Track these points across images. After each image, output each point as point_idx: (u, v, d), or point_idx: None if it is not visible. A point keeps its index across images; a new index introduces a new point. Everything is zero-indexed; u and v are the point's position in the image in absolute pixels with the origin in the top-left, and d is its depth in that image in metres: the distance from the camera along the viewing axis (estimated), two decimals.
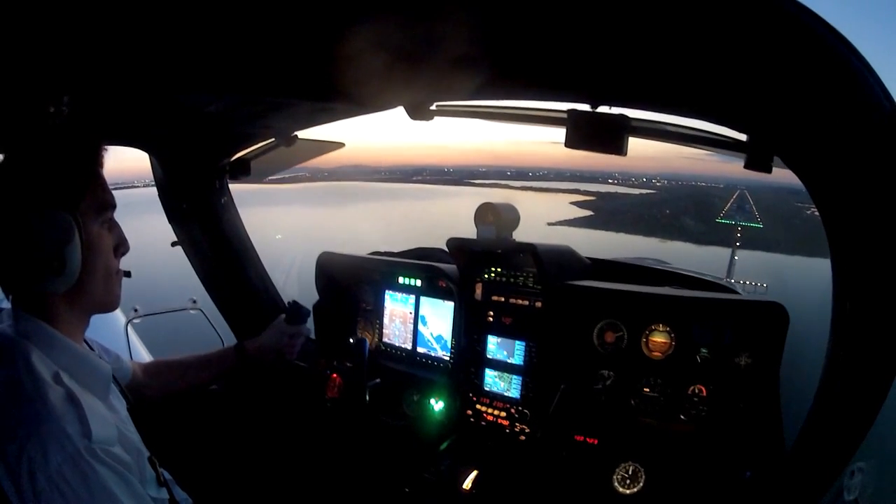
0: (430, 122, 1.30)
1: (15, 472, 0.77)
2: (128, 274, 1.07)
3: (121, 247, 1.03)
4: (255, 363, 1.63)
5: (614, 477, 1.52)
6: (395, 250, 2.27)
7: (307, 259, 2.30)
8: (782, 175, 0.96)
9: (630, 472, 1.50)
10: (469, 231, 1.81)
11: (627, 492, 1.50)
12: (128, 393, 1.18)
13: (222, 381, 1.70)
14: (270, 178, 1.96)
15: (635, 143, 1.05)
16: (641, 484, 1.48)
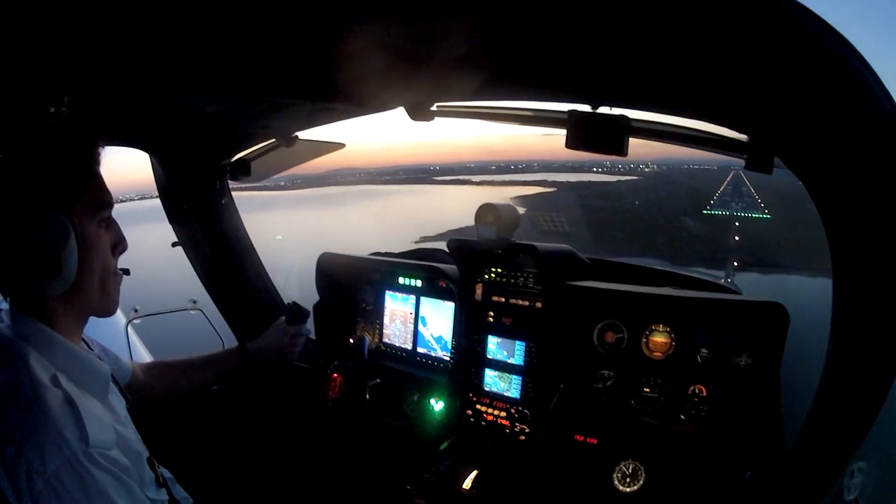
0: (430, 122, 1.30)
1: (13, 473, 0.77)
2: (126, 272, 1.07)
3: (119, 245, 1.03)
4: (257, 364, 1.64)
5: (614, 475, 1.52)
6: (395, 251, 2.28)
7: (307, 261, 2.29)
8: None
9: (630, 470, 1.51)
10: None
11: (628, 490, 1.50)
12: (127, 393, 1.17)
13: (224, 381, 1.70)
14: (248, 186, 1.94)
15: None
16: (641, 482, 1.48)
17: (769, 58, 0.70)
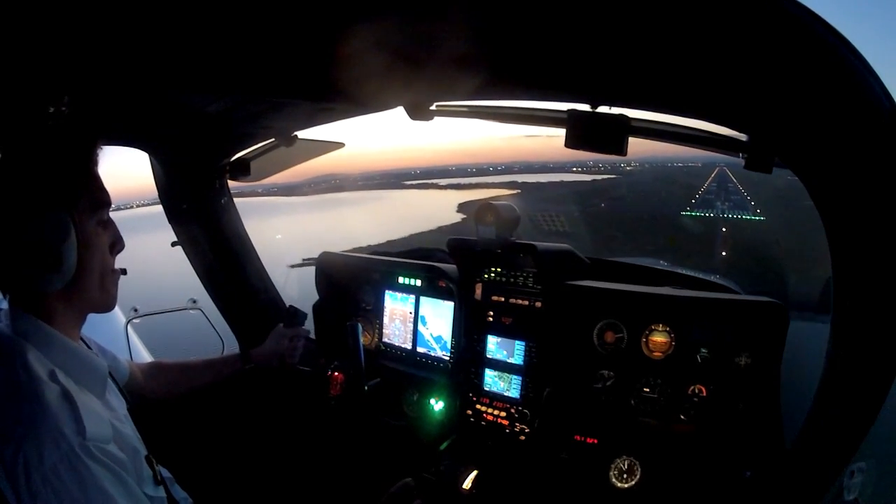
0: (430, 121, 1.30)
1: (11, 471, 0.77)
2: (123, 272, 1.07)
3: (116, 245, 1.04)
4: (258, 368, 1.65)
5: (611, 472, 1.52)
6: (394, 250, 2.28)
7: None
8: None
9: (626, 467, 1.51)
10: None
11: (625, 486, 1.50)
12: (126, 393, 1.18)
13: (224, 384, 1.70)
14: None
15: None
16: (638, 478, 1.48)
17: (769, 57, 0.70)
